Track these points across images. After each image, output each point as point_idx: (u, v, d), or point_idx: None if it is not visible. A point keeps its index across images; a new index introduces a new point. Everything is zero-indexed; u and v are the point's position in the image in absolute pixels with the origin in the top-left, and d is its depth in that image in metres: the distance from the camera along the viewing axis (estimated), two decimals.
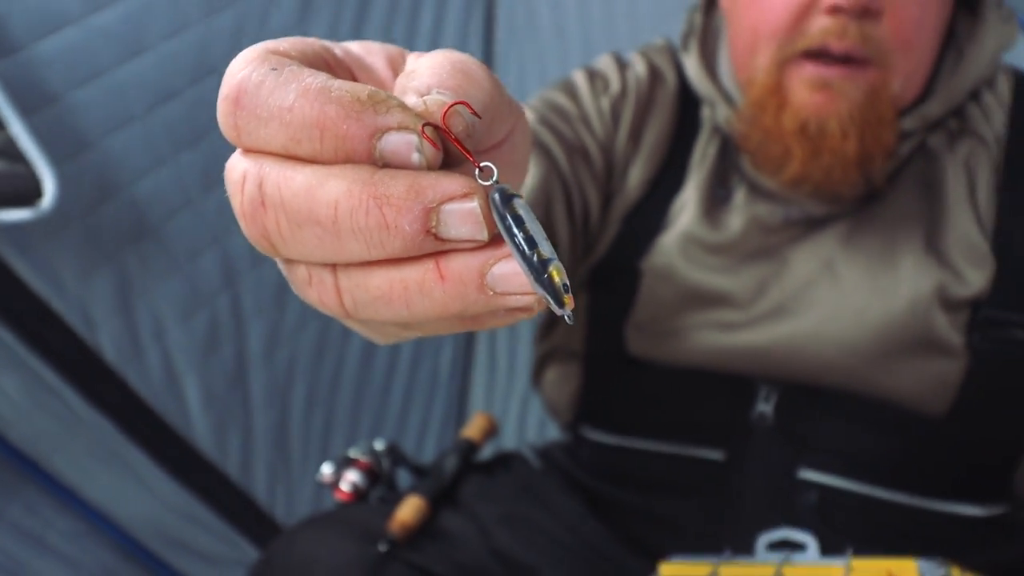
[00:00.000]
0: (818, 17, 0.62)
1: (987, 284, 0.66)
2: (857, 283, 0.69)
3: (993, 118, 0.71)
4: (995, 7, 0.71)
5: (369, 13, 1.21)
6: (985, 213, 0.68)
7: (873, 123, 0.64)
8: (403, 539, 0.72)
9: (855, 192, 0.70)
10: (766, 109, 0.66)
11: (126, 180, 0.94)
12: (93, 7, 0.89)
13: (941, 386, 0.68)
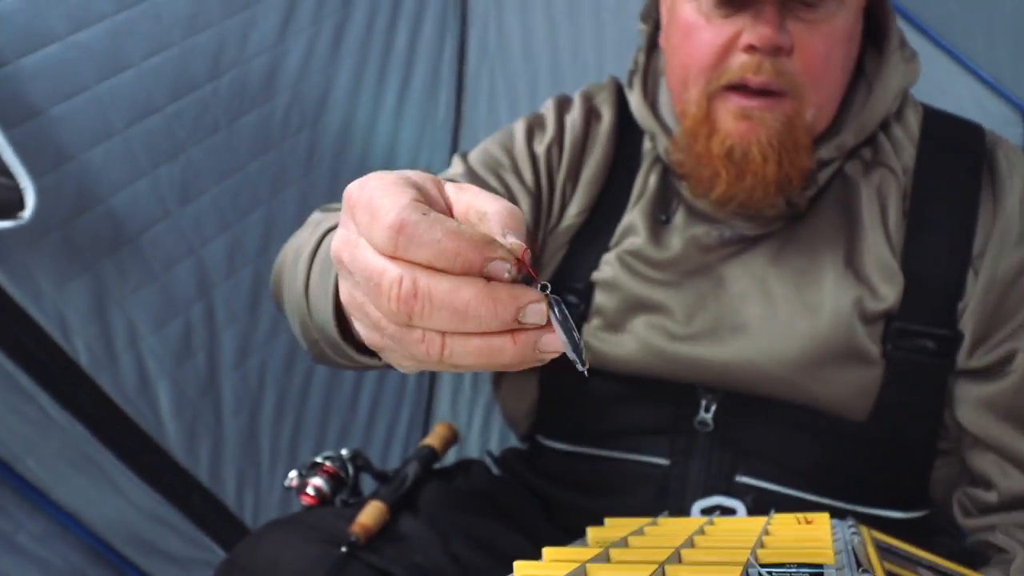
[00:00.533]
0: (737, 55, 0.69)
1: (898, 299, 0.72)
2: (786, 298, 0.75)
3: (902, 150, 0.77)
4: (898, 48, 0.78)
5: (345, 35, 1.25)
6: (895, 235, 0.75)
7: (790, 148, 0.70)
8: (363, 541, 0.73)
9: (780, 213, 0.76)
10: (698, 137, 0.72)
11: (105, 192, 0.97)
12: (76, 25, 0.91)
13: (862, 393, 0.73)
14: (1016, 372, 0.70)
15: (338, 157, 1.27)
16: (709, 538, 0.49)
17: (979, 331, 0.72)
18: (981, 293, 0.71)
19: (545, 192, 0.83)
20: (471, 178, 0.81)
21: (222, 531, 1.13)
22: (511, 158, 0.83)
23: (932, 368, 0.72)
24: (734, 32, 0.68)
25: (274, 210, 1.18)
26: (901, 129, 0.78)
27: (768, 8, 0.66)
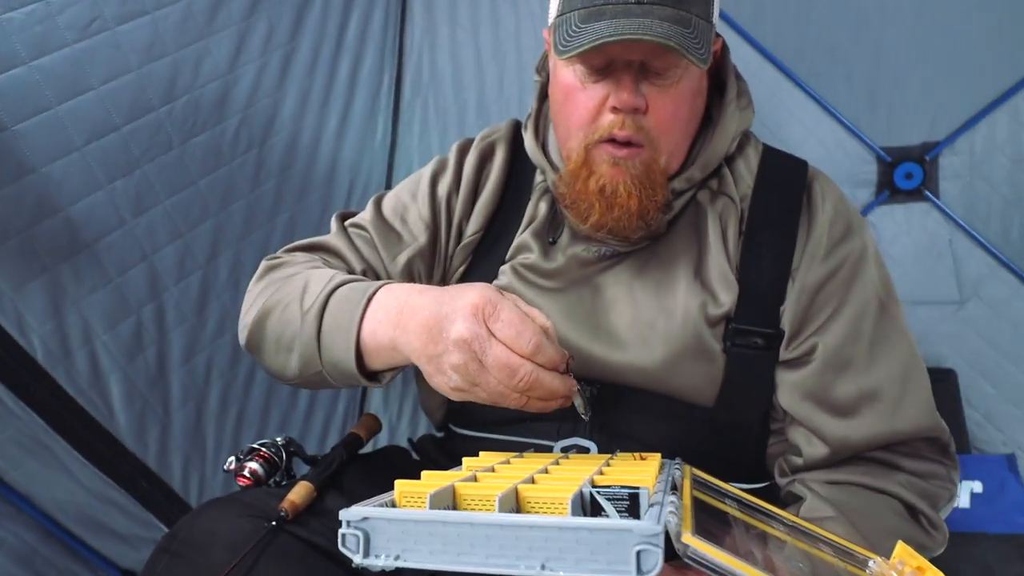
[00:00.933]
0: (606, 115, 0.77)
1: (734, 304, 0.81)
2: (648, 304, 0.83)
3: (742, 182, 0.87)
4: (735, 100, 0.87)
5: (292, 65, 1.28)
6: (733, 252, 0.83)
7: (648, 187, 0.78)
8: (292, 516, 0.76)
9: (644, 234, 0.84)
10: (579, 177, 0.80)
11: (64, 202, 0.98)
12: (39, 51, 0.93)
13: (709, 383, 0.81)
14: (816, 360, 0.79)
15: (284, 174, 1.30)
16: (561, 468, 0.55)
17: (792, 329, 0.80)
18: (795, 298, 0.80)
19: (443, 223, 0.91)
20: (378, 222, 0.91)
21: (168, 512, 1.14)
22: (415, 200, 0.92)
23: (762, 360, 0.81)
24: (603, 96, 0.76)
25: (222, 221, 1.20)
26: (743, 164, 0.88)
27: (626, 77, 0.75)
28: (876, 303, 0.80)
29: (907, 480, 0.76)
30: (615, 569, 0.37)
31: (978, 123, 1.32)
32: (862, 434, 0.76)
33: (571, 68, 0.78)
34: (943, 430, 0.78)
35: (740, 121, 0.86)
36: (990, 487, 1.30)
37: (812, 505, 0.75)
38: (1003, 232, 1.33)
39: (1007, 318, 1.33)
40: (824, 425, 0.77)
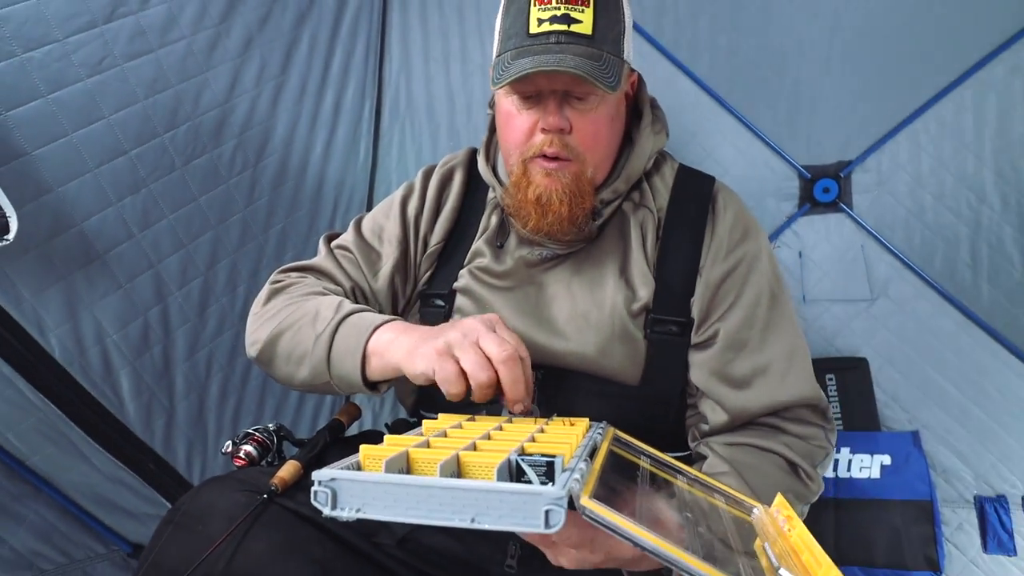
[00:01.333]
0: (538, 135, 0.84)
1: (651, 298, 0.87)
2: (583, 298, 0.89)
3: (659, 195, 0.94)
4: (650, 124, 0.94)
5: (283, 95, 1.32)
6: (651, 254, 0.90)
7: (577, 196, 0.85)
8: (281, 490, 0.80)
9: (579, 238, 0.90)
10: (519, 188, 0.87)
11: (78, 218, 1.02)
12: (56, 86, 0.98)
13: (634, 364, 0.87)
14: (719, 343, 0.85)
15: (275, 191, 1.33)
16: (503, 433, 0.59)
17: (700, 317, 0.87)
18: (701, 291, 0.87)
19: (412, 237, 0.97)
20: (359, 243, 0.97)
21: (174, 491, 1.17)
22: (388, 219, 0.98)
23: (677, 345, 0.87)
24: (534, 120, 0.84)
25: (220, 233, 1.23)
26: (659, 180, 0.95)
27: (552, 104, 0.83)
28: (768, 294, 0.88)
29: (790, 441, 0.82)
30: (528, 523, 0.42)
31: (884, 145, 1.38)
32: (756, 402, 0.83)
33: (509, 98, 0.86)
34: (821, 398, 0.85)
35: (655, 143, 0.93)
36: (897, 460, 1.35)
37: (711, 462, 0.81)
38: (907, 239, 1.38)
39: (911, 313, 1.38)
40: (725, 396, 0.84)
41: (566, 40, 0.80)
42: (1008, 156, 1.29)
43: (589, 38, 0.80)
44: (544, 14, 0.81)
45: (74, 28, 0.98)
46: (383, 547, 0.84)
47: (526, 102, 0.84)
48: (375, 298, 0.96)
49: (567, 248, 0.92)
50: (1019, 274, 1.30)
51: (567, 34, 0.80)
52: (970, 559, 1.32)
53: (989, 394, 1.32)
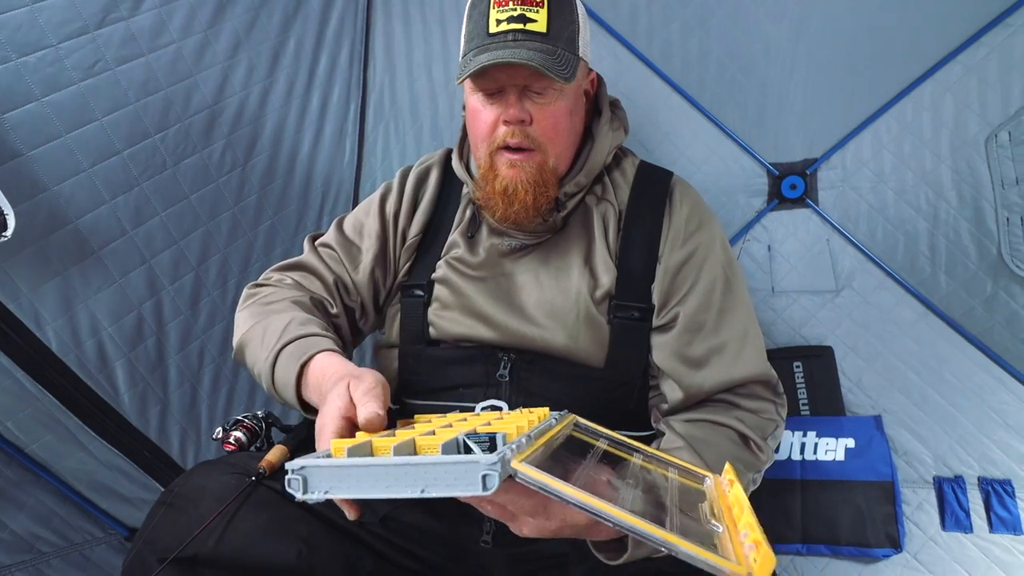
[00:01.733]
0: (501, 128, 0.88)
1: (613, 285, 0.91)
2: (550, 286, 0.92)
3: (619, 190, 0.97)
4: (608, 121, 0.98)
5: (270, 97, 1.34)
6: (612, 244, 0.94)
7: (541, 185, 0.89)
8: (269, 473, 0.83)
9: (546, 228, 0.94)
10: (487, 181, 0.91)
11: (72, 216, 1.04)
12: (50, 89, 1.00)
13: (599, 348, 0.90)
14: (678, 326, 0.89)
15: (264, 189, 1.36)
16: (465, 423, 0.62)
17: (660, 301, 0.91)
18: (661, 277, 0.91)
19: (391, 232, 1.01)
20: (341, 240, 1.01)
21: (168, 477, 1.19)
22: (368, 216, 1.02)
23: (639, 329, 0.91)
24: (497, 114, 0.88)
25: (211, 230, 1.25)
26: (620, 174, 0.99)
27: (512, 97, 0.87)
28: (723, 279, 0.91)
29: (743, 415, 0.86)
30: (469, 489, 0.45)
31: (847, 143, 1.41)
32: (710, 380, 0.87)
33: (475, 96, 0.89)
34: (772, 375, 0.89)
35: (613, 139, 0.97)
36: (861, 443, 1.39)
37: (668, 438, 0.85)
38: (870, 233, 1.41)
39: (874, 304, 1.41)
40: (683, 376, 0.88)
41: (522, 37, 0.84)
42: (964, 153, 1.33)
43: (544, 35, 0.85)
44: (502, 15, 0.85)
45: (67, 34, 1.00)
46: (366, 525, 0.87)
47: (489, 99, 0.88)
48: (357, 290, 1.00)
49: (534, 239, 0.95)
50: (975, 266, 1.33)
51: (523, 32, 0.84)
52: (929, 536, 1.36)
53: (947, 380, 1.36)
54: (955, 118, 1.33)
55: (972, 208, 1.33)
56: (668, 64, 1.48)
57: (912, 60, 1.34)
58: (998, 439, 1.33)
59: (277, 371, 0.81)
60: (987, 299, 1.32)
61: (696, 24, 1.45)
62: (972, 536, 1.33)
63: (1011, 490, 1.32)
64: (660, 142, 1.51)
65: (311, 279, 0.98)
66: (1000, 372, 1.32)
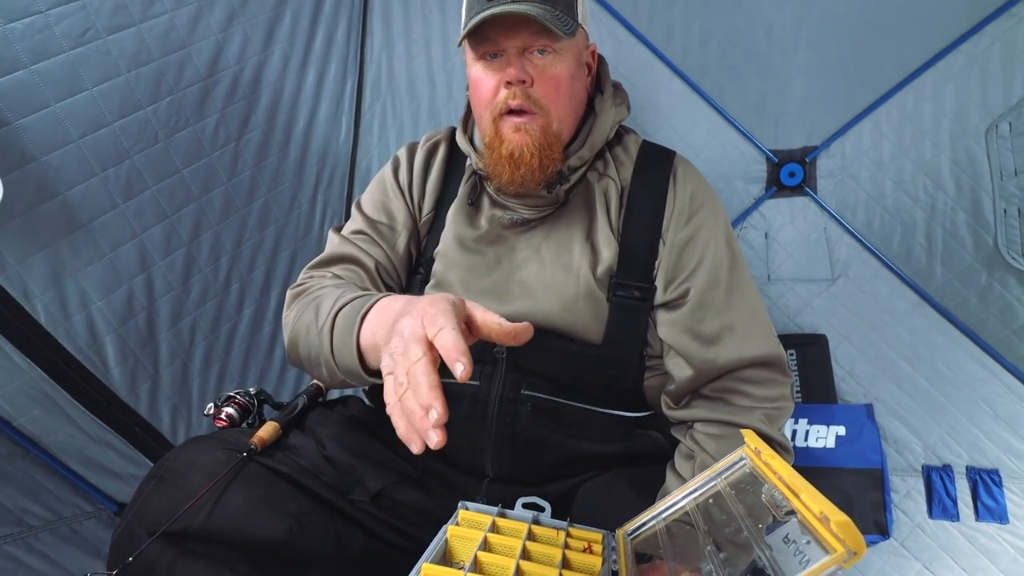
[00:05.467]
0: (502, 91, 0.86)
1: (615, 262, 0.90)
2: (552, 261, 0.91)
3: (622, 166, 0.96)
4: (611, 97, 0.96)
5: (265, 71, 1.31)
6: (615, 221, 0.92)
7: (546, 148, 0.87)
8: (260, 449, 0.83)
9: (548, 202, 0.93)
10: (493, 148, 0.89)
11: (61, 188, 1.02)
12: (38, 57, 0.97)
13: (598, 323, 0.89)
14: (690, 302, 0.88)
15: (258, 166, 1.33)
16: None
17: (667, 278, 0.89)
18: (666, 254, 0.90)
19: (411, 203, 1.00)
20: (369, 223, 0.98)
21: (158, 453, 1.18)
22: (388, 195, 1.00)
23: (638, 309, 0.90)
24: (499, 78, 0.86)
25: (204, 205, 1.23)
26: (623, 152, 0.97)
27: (513, 59, 0.85)
28: (729, 257, 0.91)
29: (763, 414, 0.84)
30: None
31: (847, 132, 1.40)
32: (723, 358, 0.85)
33: (477, 65, 0.88)
34: (781, 353, 0.88)
35: (616, 114, 0.96)
36: (852, 431, 1.39)
37: (702, 459, 0.83)
38: (867, 222, 1.41)
39: (869, 293, 1.41)
40: (696, 352, 0.86)
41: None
42: (964, 144, 1.32)
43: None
44: None
45: (56, 0, 0.97)
46: (357, 503, 0.86)
47: (490, 64, 0.87)
48: (396, 268, 0.97)
49: (536, 213, 0.94)
50: (971, 257, 1.33)
51: None
52: (916, 524, 1.36)
53: (939, 371, 1.36)
54: (956, 108, 1.32)
55: (970, 199, 1.32)
56: (669, 47, 1.46)
57: (914, 49, 1.33)
58: (987, 429, 1.33)
59: (336, 335, 0.74)
60: (982, 290, 1.32)
61: (698, 7, 1.43)
62: (959, 524, 1.34)
63: (998, 479, 1.32)
64: (660, 126, 1.49)
65: (352, 269, 0.94)
66: (992, 363, 1.32)
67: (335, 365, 0.75)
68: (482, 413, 0.90)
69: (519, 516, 0.69)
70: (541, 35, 0.84)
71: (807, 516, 0.49)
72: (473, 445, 0.90)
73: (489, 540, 0.60)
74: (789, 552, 0.50)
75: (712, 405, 0.86)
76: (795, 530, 0.50)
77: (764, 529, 0.54)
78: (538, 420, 0.89)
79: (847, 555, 0.43)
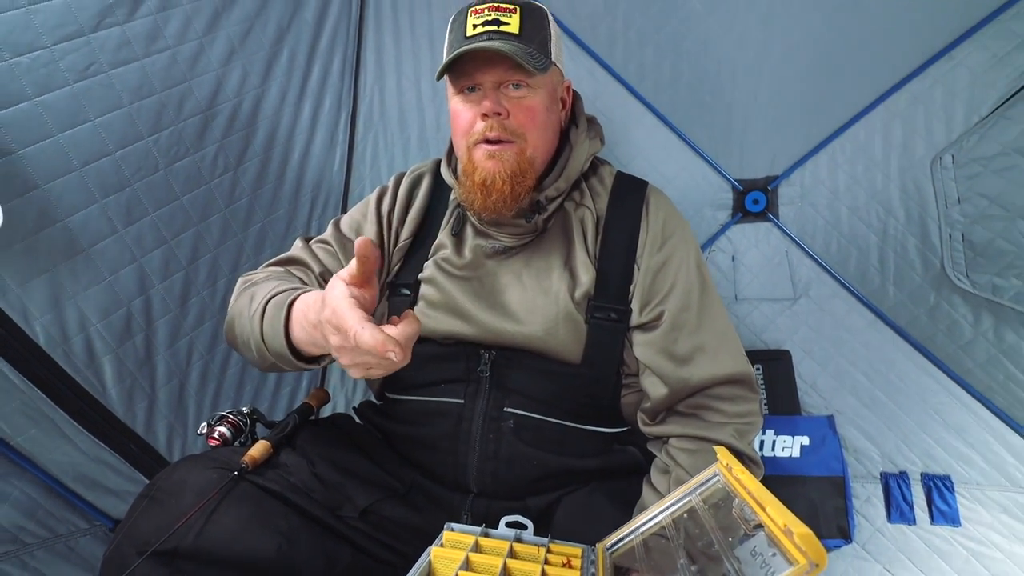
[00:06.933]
0: (479, 122, 0.86)
1: (592, 286, 0.89)
2: (532, 287, 0.90)
3: (598, 197, 0.96)
4: (586, 130, 0.96)
5: (263, 104, 1.30)
6: (591, 248, 0.92)
7: (518, 175, 0.86)
8: (251, 468, 0.80)
9: (527, 232, 0.92)
10: (468, 175, 0.88)
11: (62, 214, 0.98)
12: (42, 89, 0.94)
13: (576, 345, 0.88)
14: (664, 323, 0.87)
15: (255, 193, 1.31)
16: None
17: (642, 300, 0.89)
18: (641, 278, 0.89)
19: (386, 231, 0.98)
20: (338, 236, 0.97)
21: (155, 471, 1.11)
22: (366, 218, 0.99)
23: (615, 329, 0.89)
24: (476, 111, 0.86)
25: (202, 231, 1.20)
26: (597, 181, 0.97)
27: (490, 93, 0.85)
28: (699, 281, 0.90)
29: (734, 430, 0.83)
30: None
31: (806, 162, 1.41)
32: (697, 376, 0.85)
33: (456, 98, 0.88)
34: (750, 371, 0.88)
35: (590, 147, 0.96)
36: (815, 441, 1.39)
37: (677, 474, 0.82)
38: (825, 246, 1.42)
39: (828, 311, 1.42)
40: (670, 371, 0.86)
41: (496, 36, 0.83)
42: (911, 174, 1.34)
43: (516, 36, 0.84)
44: (478, 20, 0.84)
45: (61, 36, 0.95)
46: (346, 519, 0.83)
47: (468, 97, 0.87)
48: None
49: (516, 241, 0.93)
50: (920, 278, 1.34)
51: (497, 32, 0.83)
52: (876, 528, 1.36)
53: (894, 383, 1.37)
54: (903, 142, 1.34)
55: (918, 224, 1.34)
56: (642, 84, 1.47)
57: (865, 87, 1.35)
58: (938, 437, 1.34)
59: (265, 321, 0.77)
60: (930, 308, 1.33)
61: (669, 48, 1.44)
62: (915, 528, 1.33)
63: (950, 485, 1.32)
64: (634, 157, 1.49)
65: (301, 271, 0.94)
66: (941, 376, 1.33)
67: (266, 349, 0.77)
68: (466, 430, 0.88)
69: (502, 535, 0.67)
70: (515, 71, 0.84)
71: (773, 529, 0.47)
72: (458, 461, 0.88)
73: (471, 560, 0.58)
74: (756, 564, 0.48)
75: (686, 421, 0.85)
76: (762, 543, 0.49)
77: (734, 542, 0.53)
78: (520, 436, 0.87)
79: (809, 567, 0.42)
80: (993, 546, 1.28)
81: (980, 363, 1.28)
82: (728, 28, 1.41)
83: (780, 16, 1.37)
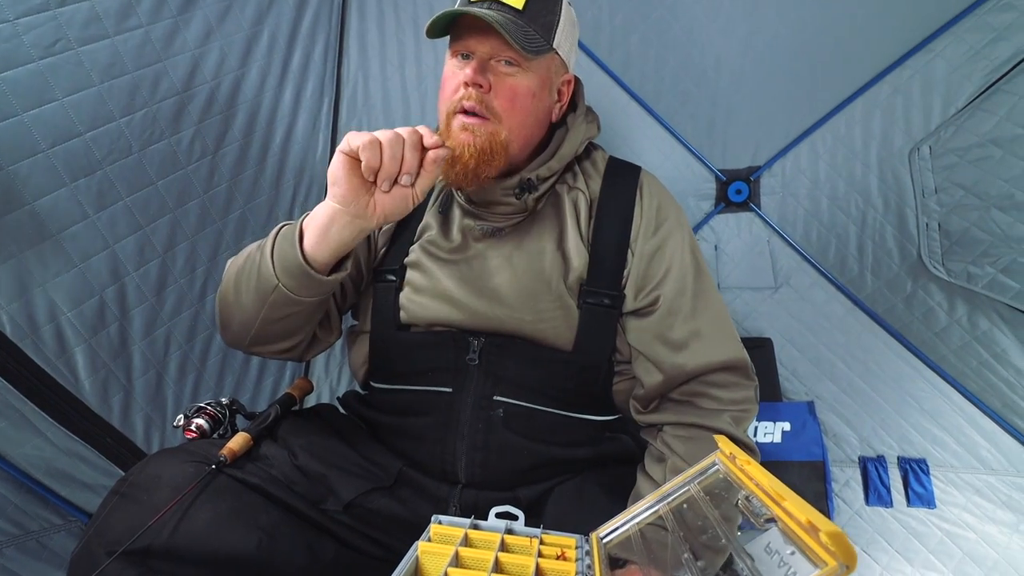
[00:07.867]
0: (461, 90, 0.80)
1: (584, 270, 0.84)
2: (523, 269, 0.85)
3: (591, 180, 0.91)
4: (583, 115, 0.92)
5: (243, 87, 1.22)
6: (584, 231, 0.87)
7: (488, 154, 0.80)
8: (230, 461, 0.75)
9: (516, 211, 0.87)
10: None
11: (29, 197, 0.91)
12: (6, 66, 0.87)
13: (568, 331, 0.84)
14: (660, 309, 0.83)
15: (235, 179, 1.24)
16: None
17: (636, 286, 0.84)
18: (636, 263, 0.85)
19: None
20: None
21: (131, 463, 1.06)
22: None
23: (608, 315, 0.85)
24: (462, 78, 0.80)
25: (179, 217, 1.13)
26: (591, 165, 0.92)
27: (477, 63, 0.79)
28: (693, 266, 0.86)
29: (730, 417, 0.80)
30: None
31: (787, 153, 1.39)
32: (693, 362, 0.81)
33: (450, 62, 0.83)
34: (746, 358, 0.84)
35: (586, 131, 0.91)
36: (796, 426, 1.37)
37: (673, 462, 0.78)
38: (805, 235, 1.40)
39: (808, 300, 1.40)
40: (665, 357, 0.82)
41: (496, 7, 0.77)
42: (890, 165, 1.32)
43: (519, 11, 0.78)
44: None
45: (24, 10, 0.87)
46: (330, 513, 0.78)
47: (459, 63, 0.81)
48: None
49: (506, 221, 0.88)
50: (897, 267, 1.33)
51: (499, 3, 0.78)
52: (855, 511, 1.35)
53: (871, 369, 1.36)
54: (883, 133, 1.32)
55: (896, 214, 1.32)
56: (627, 74, 1.43)
57: (846, 79, 1.33)
58: (914, 422, 1.33)
59: (278, 241, 0.76)
60: (907, 297, 1.32)
61: (654, 38, 1.40)
62: (892, 510, 1.33)
63: (926, 468, 1.32)
64: (619, 146, 1.46)
65: None
66: (916, 362, 1.32)
67: (272, 269, 0.74)
68: (455, 419, 0.83)
69: (492, 527, 0.62)
70: (509, 47, 0.78)
71: (791, 525, 0.43)
72: (446, 451, 0.83)
73: (460, 554, 0.53)
74: (772, 563, 0.44)
75: (681, 409, 0.81)
76: (777, 539, 0.45)
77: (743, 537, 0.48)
78: (510, 425, 0.83)
79: (839, 569, 0.37)
80: (967, 527, 1.28)
81: (954, 349, 1.28)
82: (713, 18, 1.37)
83: (765, 8, 1.34)
